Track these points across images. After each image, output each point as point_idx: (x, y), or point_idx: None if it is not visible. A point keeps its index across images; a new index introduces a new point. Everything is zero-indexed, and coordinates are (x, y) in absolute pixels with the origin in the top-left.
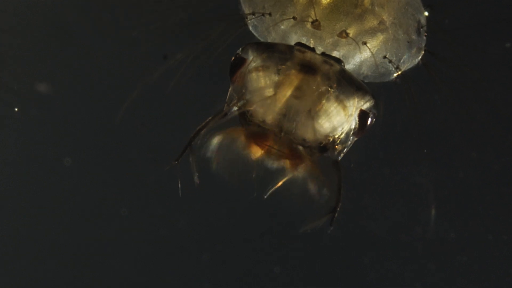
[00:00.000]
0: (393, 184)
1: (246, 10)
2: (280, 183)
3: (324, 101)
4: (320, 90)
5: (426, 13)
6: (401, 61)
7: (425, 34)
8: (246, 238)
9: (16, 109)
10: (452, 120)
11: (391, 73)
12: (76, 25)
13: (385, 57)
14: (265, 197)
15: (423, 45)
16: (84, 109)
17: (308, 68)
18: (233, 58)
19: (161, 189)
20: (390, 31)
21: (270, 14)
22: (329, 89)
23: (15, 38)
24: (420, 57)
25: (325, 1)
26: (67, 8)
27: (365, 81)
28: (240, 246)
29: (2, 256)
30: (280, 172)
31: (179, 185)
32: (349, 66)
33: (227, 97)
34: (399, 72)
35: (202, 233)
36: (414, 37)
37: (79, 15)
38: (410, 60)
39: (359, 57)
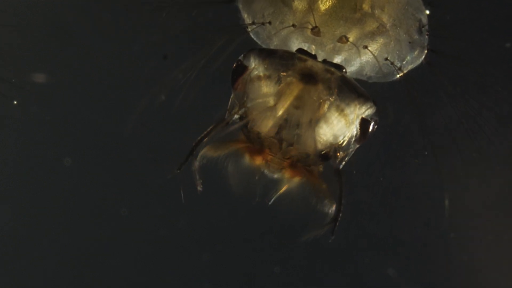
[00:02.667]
0: (394, 184)
1: (246, 19)
2: (282, 190)
3: (325, 110)
4: (321, 99)
5: (427, 12)
6: (404, 61)
7: (427, 33)
8: (246, 238)
9: (15, 102)
10: (452, 119)
11: (395, 73)
12: (76, 25)
13: (387, 59)
14: (269, 204)
15: (426, 44)
16: (84, 109)
17: (309, 77)
18: (234, 65)
19: (161, 189)
20: (390, 33)
21: (269, 23)
22: (330, 98)
23: (15, 38)
24: (423, 56)
25: (324, 8)
26: (67, 8)
27: (369, 81)
28: (240, 246)
29: (2, 256)
30: (281, 181)
31: (182, 192)
32: (351, 68)
33: (229, 104)
34: (402, 74)
35: (202, 233)
36: (416, 37)
37: (79, 15)
38: (414, 60)
39: (361, 60)
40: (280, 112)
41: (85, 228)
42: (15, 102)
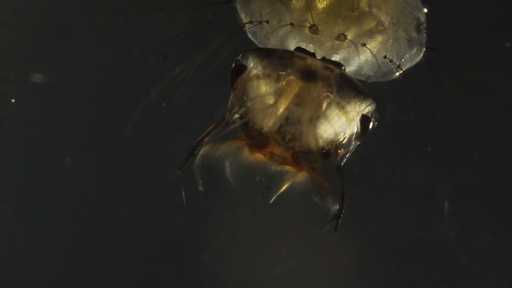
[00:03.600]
0: (394, 184)
1: (244, 19)
2: (283, 188)
3: (325, 107)
4: (321, 96)
5: (425, 10)
6: (403, 60)
7: (425, 31)
8: (246, 238)
9: (13, 100)
10: (453, 119)
11: (393, 72)
12: (76, 25)
13: (385, 57)
14: (270, 202)
15: (424, 42)
16: (84, 109)
17: (308, 75)
18: (233, 65)
19: (161, 189)
20: (389, 31)
21: (267, 22)
22: (330, 95)
23: (15, 38)
24: (422, 54)
25: (321, 6)
26: (67, 8)
27: (368, 81)
28: (241, 246)
29: (2, 256)
30: (283, 177)
31: (182, 192)
32: (350, 68)
33: (229, 104)
34: (401, 71)
35: (202, 233)
36: (414, 35)
37: (79, 15)
38: (412, 58)
39: (360, 59)
40: (281, 110)
41: (85, 228)
42: (13, 100)
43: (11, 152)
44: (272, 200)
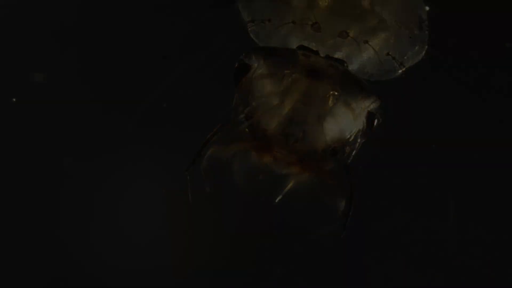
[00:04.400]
0: (394, 184)
1: (246, 17)
2: (289, 187)
3: (331, 105)
4: (327, 94)
5: (427, 8)
6: (405, 57)
7: (427, 29)
8: (246, 238)
9: (14, 99)
10: (453, 118)
11: (395, 70)
12: (76, 25)
13: (388, 54)
14: (275, 201)
15: (426, 39)
16: (84, 109)
17: (314, 73)
18: (237, 65)
19: (162, 189)
20: (391, 29)
21: (269, 20)
22: (336, 92)
23: (15, 38)
24: (423, 52)
25: (324, 4)
26: (67, 8)
27: (371, 79)
28: (241, 246)
29: (2, 256)
30: (289, 178)
31: (188, 192)
32: (353, 66)
33: (233, 104)
34: (404, 69)
35: (203, 233)
36: (416, 32)
37: (79, 15)
38: (414, 55)
39: (362, 57)
40: (287, 110)
41: (85, 228)
42: (14, 100)
43: (11, 152)
44: (277, 199)
